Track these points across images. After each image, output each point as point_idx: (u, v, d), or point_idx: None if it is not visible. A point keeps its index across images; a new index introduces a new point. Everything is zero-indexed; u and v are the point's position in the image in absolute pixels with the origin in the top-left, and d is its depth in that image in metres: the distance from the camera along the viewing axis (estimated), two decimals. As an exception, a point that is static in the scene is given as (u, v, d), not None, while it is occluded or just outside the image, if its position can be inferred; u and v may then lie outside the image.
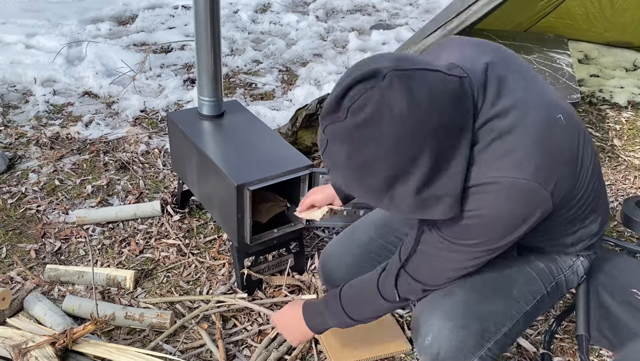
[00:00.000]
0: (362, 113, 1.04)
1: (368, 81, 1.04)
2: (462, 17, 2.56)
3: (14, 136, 3.09)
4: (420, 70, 1.06)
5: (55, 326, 1.83)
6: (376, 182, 1.11)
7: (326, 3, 5.59)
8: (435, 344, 1.37)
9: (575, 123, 1.30)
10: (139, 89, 3.68)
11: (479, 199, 1.16)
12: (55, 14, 4.86)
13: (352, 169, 1.11)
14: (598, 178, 1.39)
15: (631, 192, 2.83)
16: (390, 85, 1.03)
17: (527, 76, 1.27)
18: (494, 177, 1.14)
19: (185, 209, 2.53)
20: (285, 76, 4.05)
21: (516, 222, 1.21)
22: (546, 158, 1.17)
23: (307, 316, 1.60)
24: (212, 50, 2.11)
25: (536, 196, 1.17)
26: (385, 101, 1.03)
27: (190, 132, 2.14)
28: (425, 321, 1.40)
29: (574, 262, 1.49)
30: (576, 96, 2.53)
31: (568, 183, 1.24)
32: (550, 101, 1.26)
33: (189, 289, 2.13)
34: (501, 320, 1.40)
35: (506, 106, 1.17)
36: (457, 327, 1.37)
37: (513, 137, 1.15)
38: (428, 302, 1.41)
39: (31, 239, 2.37)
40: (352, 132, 1.06)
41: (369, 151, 1.06)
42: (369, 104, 1.03)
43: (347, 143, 1.07)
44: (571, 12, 4.15)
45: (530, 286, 1.44)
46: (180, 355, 1.83)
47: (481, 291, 1.41)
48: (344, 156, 1.09)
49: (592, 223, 1.42)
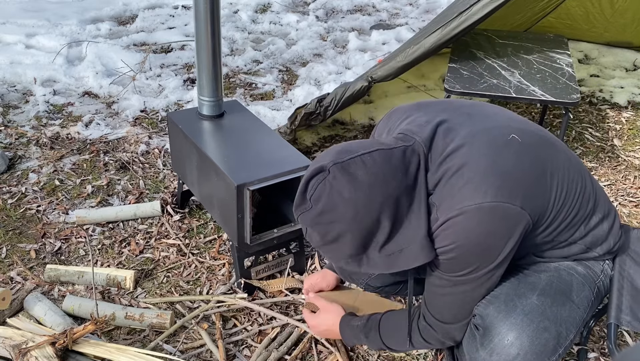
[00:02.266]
0: (320, 203, 1.25)
1: (317, 176, 1.26)
2: (462, 18, 2.56)
3: (14, 136, 3.09)
4: (358, 156, 1.26)
5: (55, 326, 1.83)
6: (350, 250, 1.28)
7: (326, 3, 5.59)
8: (516, 344, 1.33)
9: (538, 137, 1.39)
10: (139, 89, 3.68)
11: (452, 233, 1.26)
12: (55, 14, 4.86)
13: (328, 245, 1.29)
14: (584, 179, 1.40)
15: (631, 192, 2.83)
16: (334, 177, 1.24)
17: (472, 112, 1.40)
18: (459, 209, 1.24)
19: (185, 209, 2.53)
20: (285, 76, 4.05)
21: (498, 242, 1.26)
22: (504, 177, 1.25)
23: (346, 337, 1.69)
24: (212, 50, 2.11)
25: (507, 213, 1.24)
26: (335, 189, 1.23)
27: (190, 132, 2.14)
28: (505, 320, 1.35)
29: (603, 266, 1.49)
30: (576, 96, 2.53)
31: (538, 193, 1.29)
32: (499, 127, 1.36)
33: (189, 290, 2.13)
34: (570, 326, 1.37)
35: (454, 147, 1.30)
36: (540, 329, 1.34)
37: (466, 170, 1.26)
38: (502, 302, 1.37)
39: (31, 239, 2.37)
40: (317, 219, 1.26)
41: (335, 229, 1.26)
42: (323, 195, 1.24)
43: (316, 228, 1.28)
44: (571, 13, 4.15)
45: (583, 292, 1.43)
46: (180, 355, 1.83)
47: (550, 294, 1.39)
48: (318, 237, 1.29)
49: (598, 224, 1.43)
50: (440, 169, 1.29)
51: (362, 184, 1.23)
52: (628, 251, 1.56)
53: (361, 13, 5.49)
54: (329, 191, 1.24)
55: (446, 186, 1.27)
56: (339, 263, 1.34)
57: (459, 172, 1.27)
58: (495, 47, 3.05)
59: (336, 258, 1.33)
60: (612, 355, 1.40)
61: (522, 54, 2.96)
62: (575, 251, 1.44)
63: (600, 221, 1.43)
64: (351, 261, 1.31)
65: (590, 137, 3.33)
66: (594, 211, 1.41)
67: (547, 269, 1.44)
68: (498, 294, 1.39)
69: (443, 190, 1.28)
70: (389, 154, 1.28)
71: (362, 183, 1.23)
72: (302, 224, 1.32)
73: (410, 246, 1.28)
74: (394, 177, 1.26)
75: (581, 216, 1.38)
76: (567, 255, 1.45)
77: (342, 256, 1.31)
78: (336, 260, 1.34)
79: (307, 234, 1.33)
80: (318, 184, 1.26)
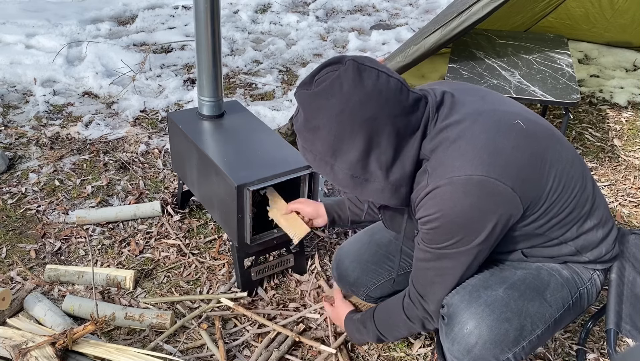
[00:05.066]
0: (320, 87, 1.28)
1: (334, 65, 1.29)
2: (462, 18, 2.56)
3: (14, 136, 3.09)
4: (378, 70, 1.28)
5: (55, 327, 1.83)
6: (321, 148, 1.32)
7: (326, 3, 5.59)
8: (475, 332, 1.35)
9: (546, 130, 1.38)
10: (139, 89, 3.68)
11: (439, 202, 1.27)
12: (55, 14, 4.86)
13: (306, 132, 1.33)
14: (584, 180, 1.40)
15: (631, 192, 2.83)
16: (346, 69, 1.27)
17: (486, 96, 1.42)
18: (448, 178, 1.25)
19: (185, 209, 2.53)
20: (285, 76, 4.05)
21: (483, 216, 1.26)
22: (499, 156, 1.26)
23: (350, 332, 1.74)
24: (212, 50, 2.11)
25: (496, 190, 1.23)
26: (339, 79, 1.26)
27: (190, 132, 2.14)
28: (466, 310, 1.37)
29: (592, 275, 1.49)
30: (576, 96, 2.53)
31: (533, 179, 1.28)
32: (507, 112, 1.36)
33: (189, 290, 2.13)
34: (537, 321, 1.39)
35: (457, 119, 1.32)
36: (501, 320, 1.35)
37: (463, 143, 1.28)
38: (468, 292, 1.39)
39: (31, 239, 2.37)
40: (310, 99, 1.30)
41: (317, 118, 1.29)
42: (327, 80, 1.28)
43: (306, 109, 1.32)
44: (571, 13, 4.16)
45: (559, 293, 1.44)
46: (180, 355, 1.83)
47: (519, 289, 1.40)
48: (303, 120, 1.33)
49: (592, 229, 1.42)
50: (439, 136, 1.31)
51: (363, 90, 1.25)
52: (627, 257, 1.56)
53: (361, 13, 5.49)
54: (333, 78, 1.27)
55: (441, 155, 1.29)
56: (308, 156, 1.37)
57: (456, 144, 1.28)
58: (495, 47, 3.05)
59: (308, 149, 1.36)
60: (611, 358, 1.40)
61: (522, 54, 2.96)
62: (565, 252, 1.44)
63: (594, 226, 1.42)
64: (318, 161, 1.35)
65: (590, 138, 3.33)
66: (589, 214, 1.41)
67: (527, 268, 1.45)
68: (466, 285, 1.41)
69: (438, 158, 1.29)
70: (404, 90, 1.30)
71: (363, 89, 1.25)
72: (297, 102, 1.35)
73: (373, 182, 1.32)
74: (393, 108, 1.27)
75: (575, 216, 1.38)
76: (557, 255, 1.45)
77: (313, 150, 1.34)
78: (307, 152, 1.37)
79: (297, 114, 1.36)
80: (330, 71, 1.29)
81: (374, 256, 1.79)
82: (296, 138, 1.41)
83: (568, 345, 1.94)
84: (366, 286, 1.81)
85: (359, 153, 1.29)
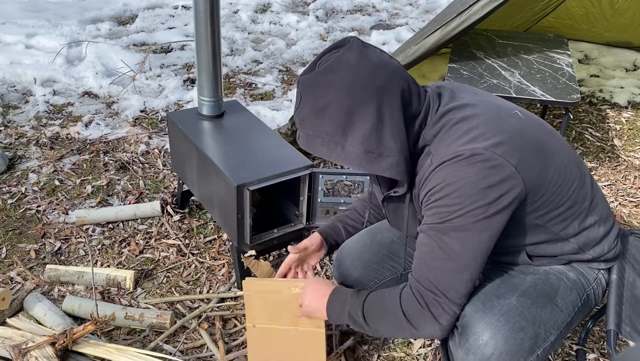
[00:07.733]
0: (326, 64, 1.28)
1: (337, 48, 1.30)
2: (462, 18, 2.56)
3: (14, 136, 3.09)
4: (382, 50, 1.32)
5: (55, 327, 1.83)
6: (330, 128, 1.29)
7: (326, 3, 5.59)
8: (490, 343, 1.32)
9: (543, 127, 1.40)
10: (139, 89, 3.68)
11: (444, 173, 1.26)
12: (55, 14, 4.86)
13: (313, 115, 1.30)
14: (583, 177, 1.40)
15: (631, 192, 2.83)
16: (350, 47, 1.28)
17: (478, 92, 1.45)
18: (453, 153, 1.25)
19: (185, 209, 2.53)
20: (285, 76, 4.05)
21: (488, 188, 1.23)
22: (503, 136, 1.27)
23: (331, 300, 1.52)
24: (212, 50, 2.11)
25: (500, 166, 1.23)
26: (344, 57, 1.27)
27: (190, 132, 2.14)
28: (481, 320, 1.34)
29: (597, 275, 1.49)
30: (576, 96, 2.53)
31: (534, 165, 1.28)
32: (505, 106, 1.39)
33: (189, 290, 2.13)
34: (550, 328, 1.37)
35: (457, 104, 1.34)
36: (516, 329, 1.33)
37: (465, 123, 1.30)
38: (481, 302, 1.37)
39: (31, 239, 2.37)
40: (317, 79, 1.28)
41: (326, 96, 1.27)
42: (331, 59, 1.28)
43: (313, 91, 1.29)
44: (571, 13, 4.15)
45: (569, 297, 1.42)
46: (180, 355, 1.83)
47: (531, 296, 1.38)
48: (309, 104, 1.30)
49: (593, 225, 1.42)
50: (440, 121, 1.32)
51: (370, 63, 1.27)
52: (627, 258, 1.55)
53: (361, 13, 5.49)
54: (339, 55, 1.28)
55: (444, 137, 1.30)
56: (316, 143, 1.33)
57: (459, 125, 1.30)
58: (495, 47, 3.05)
59: (315, 135, 1.32)
60: (611, 358, 1.40)
61: (522, 54, 2.96)
62: (568, 250, 1.43)
63: (596, 222, 1.42)
64: (327, 144, 1.31)
65: (590, 138, 3.33)
66: (590, 210, 1.41)
67: (535, 272, 1.44)
68: (478, 294, 1.38)
69: (441, 140, 1.30)
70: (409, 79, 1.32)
71: (370, 62, 1.27)
72: (300, 89, 1.32)
73: (388, 156, 1.29)
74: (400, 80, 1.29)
75: (576, 211, 1.37)
76: (560, 253, 1.44)
77: (321, 133, 1.31)
78: (315, 138, 1.33)
79: (299, 104, 1.33)
80: (334, 53, 1.29)
81: (375, 255, 1.79)
82: (297, 134, 1.37)
83: (568, 345, 1.94)
84: (368, 285, 1.81)
85: (372, 125, 1.27)
